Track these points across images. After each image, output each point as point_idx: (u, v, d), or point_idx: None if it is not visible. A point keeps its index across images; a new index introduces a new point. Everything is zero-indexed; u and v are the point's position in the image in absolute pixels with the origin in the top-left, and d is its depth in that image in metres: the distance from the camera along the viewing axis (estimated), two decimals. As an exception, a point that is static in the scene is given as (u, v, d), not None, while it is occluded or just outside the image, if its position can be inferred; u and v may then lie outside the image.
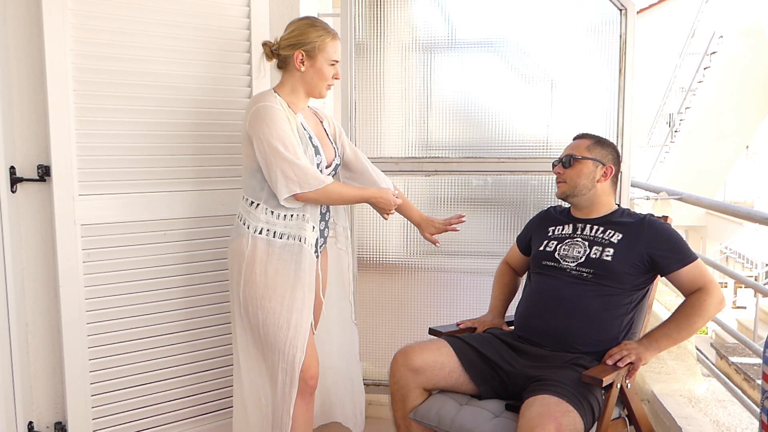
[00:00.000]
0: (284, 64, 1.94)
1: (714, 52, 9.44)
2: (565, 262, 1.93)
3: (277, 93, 1.92)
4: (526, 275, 2.13)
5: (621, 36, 2.39)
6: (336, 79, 1.99)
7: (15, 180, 2.01)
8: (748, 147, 11.60)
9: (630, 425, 1.85)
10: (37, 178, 2.03)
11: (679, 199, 2.72)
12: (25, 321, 2.08)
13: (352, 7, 2.47)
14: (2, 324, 1.98)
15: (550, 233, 2.04)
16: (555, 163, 2.01)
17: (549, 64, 2.48)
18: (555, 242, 2.00)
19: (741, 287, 10.66)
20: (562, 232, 2.01)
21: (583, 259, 1.90)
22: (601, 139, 2.01)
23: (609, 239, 1.90)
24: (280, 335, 1.88)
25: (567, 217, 2.05)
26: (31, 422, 2.12)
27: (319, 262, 1.99)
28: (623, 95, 2.40)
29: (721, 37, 9.26)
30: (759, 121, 9.96)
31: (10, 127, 1.99)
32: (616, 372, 1.70)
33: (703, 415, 2.19)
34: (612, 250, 1.87)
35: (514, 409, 1.71)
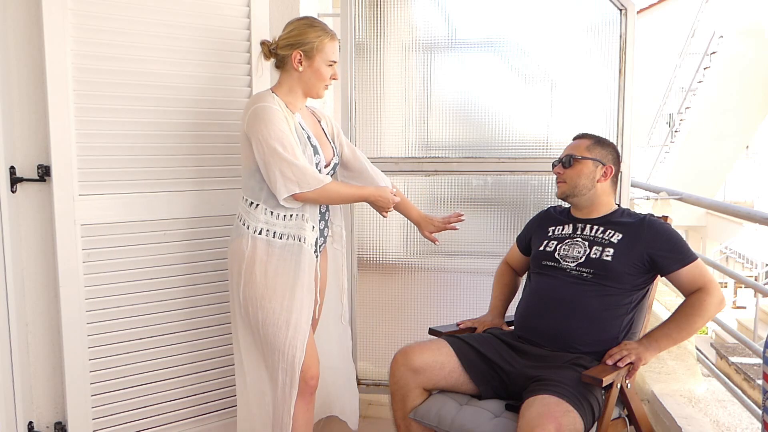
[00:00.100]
0: (282, 63, 1.94)
1: (714, 52, 9.44)
2: (565, 262, 1.93)
3: (275, 93, 1.92)
4: (526, 275, 2.13)
5: (621, 36, 2.39)
6: (333, 80, 1.98)
7: (15, 180, 2.01)
8: (748, 147, 11.60)
9: (630, 425, 1.85)
10: (37, 178, 2.03)
11: (679, 199, 2.72)
12: (25, 321, 2.08)
13: (352, 7, 2.46)
14: (2, 324, 1.98)
15: (550, 233, 2.04)
16: (555, 163, 2.01)
17: (549, 64, 2.48)
18: (555, 242, 2.00)
19: (741, 287, 10.67)
20: (562, 232, 2.01)
21: (583, 259, 1.90)
22: (601, 139, 2.01)
23: (609, 239, 1.90)
24: (279, 335, 1.88)
25: (567, 217, 2.05)
26: (31, 422, 2.12)
27: (318, 262, 1.99)
28: (623, 95, 2.40)
29: (721, 37, 9.26)
30: (759, 121, 9.96)
31: (10, 127, 1.99)
32: (616, 372, 1.70)
33: (703, 415, 2.19)
34: (612, 250, 1.87)
35: (514, 409, 1.71)
